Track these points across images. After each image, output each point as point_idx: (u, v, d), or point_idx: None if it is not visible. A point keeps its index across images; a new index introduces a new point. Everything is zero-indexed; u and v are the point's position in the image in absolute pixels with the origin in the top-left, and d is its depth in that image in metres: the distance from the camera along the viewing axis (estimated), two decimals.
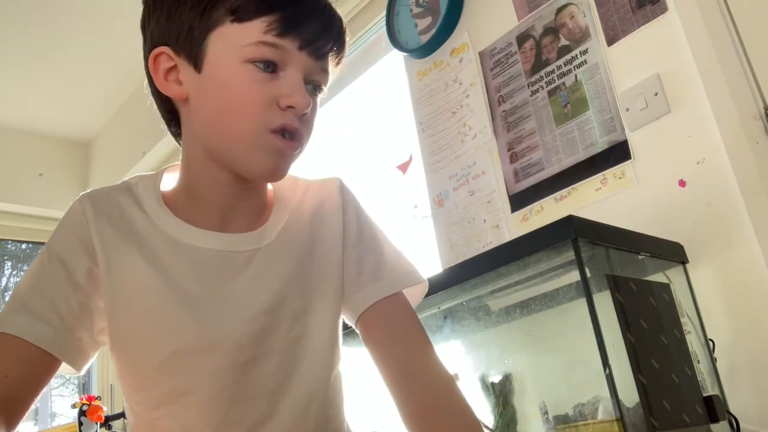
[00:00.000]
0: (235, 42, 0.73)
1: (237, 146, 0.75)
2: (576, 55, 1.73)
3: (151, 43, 0.79)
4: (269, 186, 0.86)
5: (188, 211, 0.80)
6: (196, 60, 0.75)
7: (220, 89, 0.74)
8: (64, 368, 0.75)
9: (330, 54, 0.78)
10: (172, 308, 0.73)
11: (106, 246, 0.75)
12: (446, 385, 0.78)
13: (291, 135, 0.75)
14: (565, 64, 1.75)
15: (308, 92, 0.76)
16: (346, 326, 0.86)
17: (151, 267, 0.75)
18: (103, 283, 0.75)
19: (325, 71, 0.79)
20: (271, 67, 0.74)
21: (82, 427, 2.20)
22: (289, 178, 0.87)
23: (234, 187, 0.79)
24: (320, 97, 0.80)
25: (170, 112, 0.82)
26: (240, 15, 0.73)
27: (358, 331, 0.84)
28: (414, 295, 0.86)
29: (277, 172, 0.77)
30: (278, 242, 0.81)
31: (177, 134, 0.84)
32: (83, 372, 0.76)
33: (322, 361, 0.79)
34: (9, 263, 3.73)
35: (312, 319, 0.79)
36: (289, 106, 0.74)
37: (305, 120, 0.77)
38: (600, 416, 1.16)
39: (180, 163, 0.84)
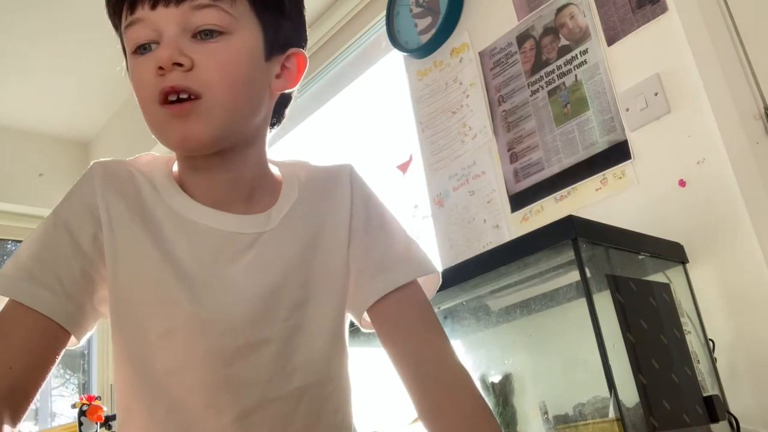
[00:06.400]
0: None
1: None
2: (576, 55, 1.73)
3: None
4: (276, 170, 0.84)
5: (194, 188, 0.78)
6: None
7: None
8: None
9: None
10: (168, 284, 0.72)
11: (111, 214, 0.75)
12: (461, 381, 0.76)
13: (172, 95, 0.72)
14: (565, 64, 1.75)
15: (193, 43, 0.71)
16: (350, 324, 0.83)
17: (151, 239, 0.74)
18: (106, 251, 0.74)
19: (197, 8, 0.71)
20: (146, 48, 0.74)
21: (82, 427, 2.19)
22: (301, 163, 0.86)
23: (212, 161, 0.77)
24: (223, 38, 0.72)
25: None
26: None
27: (364, 330, 0.81)
28: (426, 288, 0.83)
29: (182, 140, 0.73)
30: (282, 228, 0.79)
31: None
32: (82, 343, 0.75)
33: (320, 355, 0.77)
34: None
35: (312, 310, 0.77)
36: (158, 68, 0.71)
37: (185, 70, 0.71)
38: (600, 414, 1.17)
39: None
